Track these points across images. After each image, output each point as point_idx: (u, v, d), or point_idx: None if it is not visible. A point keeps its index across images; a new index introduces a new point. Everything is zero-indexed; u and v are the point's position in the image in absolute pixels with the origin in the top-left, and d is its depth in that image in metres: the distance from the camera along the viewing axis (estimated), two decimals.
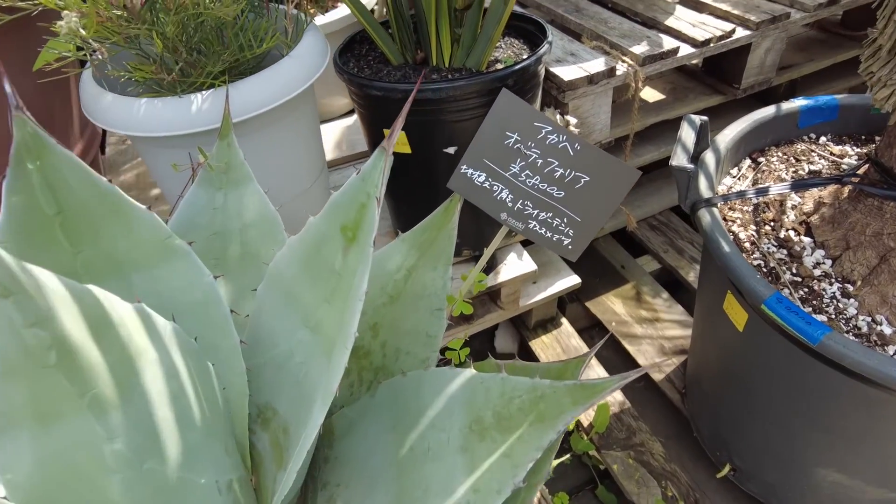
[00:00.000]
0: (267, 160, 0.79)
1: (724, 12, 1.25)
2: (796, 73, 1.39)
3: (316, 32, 0.80)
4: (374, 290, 0.67)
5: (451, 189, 0.57)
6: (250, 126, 0.74)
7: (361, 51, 1.08)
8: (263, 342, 0.57)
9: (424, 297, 0.64)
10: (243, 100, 0.69)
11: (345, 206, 0.47)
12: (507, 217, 0.56)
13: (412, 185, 1.03)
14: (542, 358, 1.27)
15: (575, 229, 0.54)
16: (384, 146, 0.42)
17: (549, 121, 0.50)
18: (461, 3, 0.89)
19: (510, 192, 0.54)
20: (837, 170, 0.95)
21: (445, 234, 0.64)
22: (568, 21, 1.29)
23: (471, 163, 0.54)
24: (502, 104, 0.51)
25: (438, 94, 0.87)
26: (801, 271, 0.82)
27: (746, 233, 0.87)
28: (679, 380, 1.22)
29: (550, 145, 0.51)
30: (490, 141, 0.53)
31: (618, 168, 0.50)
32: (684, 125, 0.85)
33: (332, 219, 0.48)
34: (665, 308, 1.35)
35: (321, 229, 0.50)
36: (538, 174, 0.52)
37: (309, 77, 0.74)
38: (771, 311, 0.69)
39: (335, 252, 0.49)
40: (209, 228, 0.66)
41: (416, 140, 0.95)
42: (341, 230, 0.48)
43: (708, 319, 0.95)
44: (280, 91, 0.71)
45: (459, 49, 0.97)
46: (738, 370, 0.87)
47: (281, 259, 0.54)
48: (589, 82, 1.10)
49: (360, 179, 0.45)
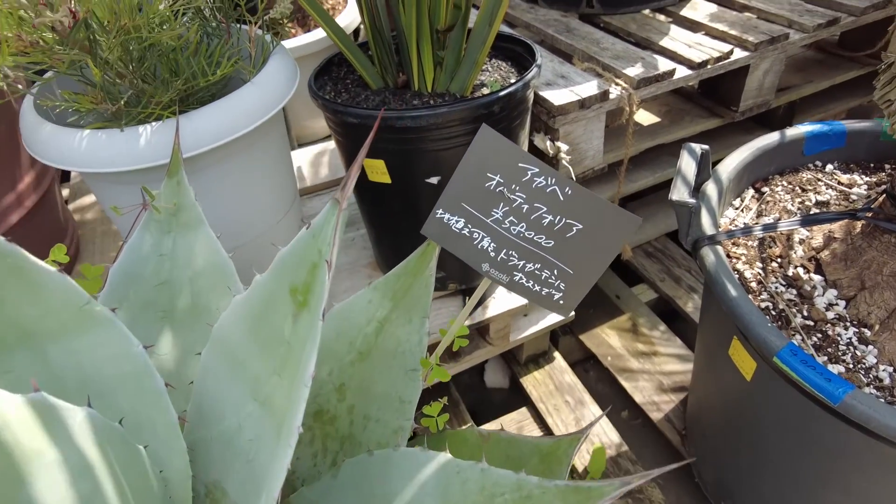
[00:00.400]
0: (228, 196, 0.72)
1: (720, 32, 1.20)
2: (795, 95, 1.34)
3: (283, 56, 0.73)
4: (342, 346, 0.59)
5: (426, 235, 0.50)
6: (207, 160, 0.67)
7: (339, 73, 1.01)
8: (209, 414, 0.50)
9: (398, 355, 0.57)
10: (197, 132, 0.62)
11: (294, 265, 0.40)
12: (490, 268, 0.49)
13: (393, 216, 0.96)
14: (533, 395, 1.20)
15: (566, 283, 0.47)
16: (337, 198, 0.35)
17: (535, 161, 0.44)
18: (443, 23, 0.83)
19: (492, 241, 0.47)
20: (846, 200, 0.89)
21: (422, 282, 0.57)
22: (558, 42, 1.23)
23: (447, 207, 0.47)
24: (482, 142, 0.45)
25: (418, 121, 0.80)
26: (812, 314, 0.75)
27: (752, 271, 0.80)
28: (679, 419, 1.15)
29: (537, 189, 0.44)
30: (469, 183, 0.46)
31: (614, 214, 0.44)
32: (684, 154, 0.79)
33: (281, 278, 0.41)
34: (663, 341, 1.29)
35: (269, 289, 0.42)
36: (524, 221, 0.46)
37: (273, 105, 0.68)
38: (785, 364, 0.62)
39: (284, 317, 0.42)
40: (156, 277, 0.58)
41: (397, 169, 0.88)
42: (290, 292, 0.41)
43: (711, 362, 0.88)
44: (239, 121, 0.64)
45: (442, 73, 0.91)
46: (745, 419, 0.80)
47: (226, 321, 0.47)
48: (580, 107, 1.04)
49: (311, 235, 0.38)
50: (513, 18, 1.36)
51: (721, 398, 0.86)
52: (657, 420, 1.16)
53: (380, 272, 1.13)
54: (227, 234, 0.77)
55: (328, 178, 1.33)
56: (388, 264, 1.09)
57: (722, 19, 1.24)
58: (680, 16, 1.28)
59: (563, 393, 1.20)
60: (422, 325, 0.56)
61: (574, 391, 1.19)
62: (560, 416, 1.16)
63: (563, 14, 1.33)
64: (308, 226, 0.38)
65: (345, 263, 1.15)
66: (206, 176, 0.69)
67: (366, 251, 1.17)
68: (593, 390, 1.27)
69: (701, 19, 1.24)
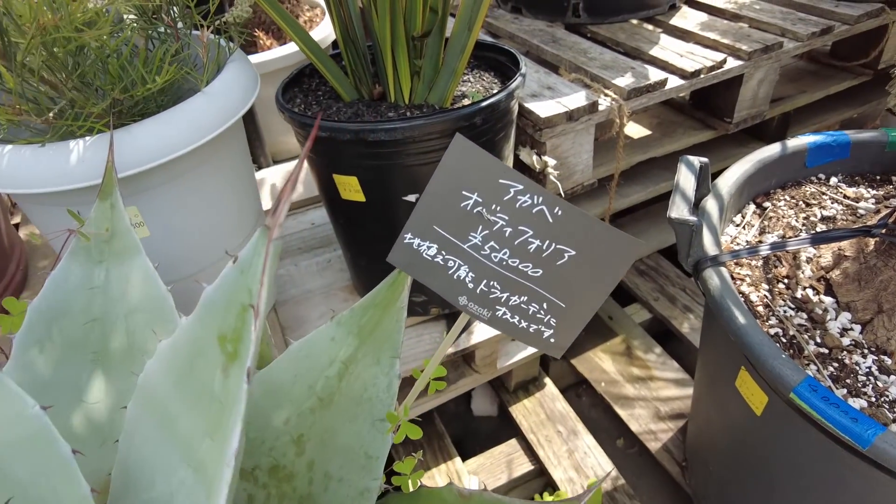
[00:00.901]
0: (181, 220, 0.64)
1: (712, 42, 1.15)
2: (789, 106, 1.29)
3: (241, 63, 0.67)
4: (300, 390, 0.52)
5: (393, 264, 0.43)
6: (153, 179, 0.60)
7: (311, 85, 0.95)
8: (138, 479, 0.42)
9: (364, 402, 0.49)
10: (138, 147, 0.55)
11: (221, 309, 0.33)
12: (468, 302, 0.42)
13: (369, 237, 0.89)
14: (523, 426, 1.12)
15: (558, 318, 0.40)
16: (268, 224, 0.28)
17: (518, 177, 0.37)
18: (419, 29, 0.77)
19: (470, 270, 0.40)
20: (853, 215, 0.84)
21: (392, 317, 0.50)
22: (544, 52, 1.18)
23: (417, 231, 0.41)
24: (456, 154, 0.38)
25: (393, 134, 0.73)
26: (826, 341, 0.69)
27: (758, 293, 0.74)
28: (678, 449, 1.08)
29: (522, 209, 0.37)
30: (442, 203, 0.39)
31: (612, 238, 0.37)
32: (682, 168, 0.73)
33: (208, 323, 0.34)
34: (659, 364, 1.22)
35: (196, 336, 0.35)
36: (507, 247, 0.39)
37: (227, 117, 0.61)
38: (803, 402, 0.55)
39: (213, 369, 0.34)
40: (85, 314, 0.51)
41: (372, 187, 0.82)
42: (219, 340, 0.33)
43: (714, 392, 0.81)
44: (188, 135, 0.57)
45: (420, 83, 0.84)
46: (755, 457, 0.73)
47: (152, 371, 0.39)
48: (568, 119, 0.98)
49: (238, 271, 0.31)
50: (496, 29, 1.31)
51: (727, 432, 0.79)
52: (655, 450, 1.08)
53: (357, 295, 1.06)
54: (182, 260, 0.69)
55: (304, 196, 1.26)
56: (366, 288, 1.02)
57: (713, 28, 1.19)
58: (669, 25, 1.23)
59: (554, 422, 1.12)
60: (391, 367, 0.48)
61: (567, 420, 1.12)
62: (552, 448, 1.08)
63: (549, 24, 1.28)
64: (235, 259, 0.31)
65: (320, 287, 1.07)
66: (153, 197, 0.62)
67: (343, 273, 1.10)
68: (586, 417, 1.20)
69: (691, 28, 1.19)
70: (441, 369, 0.47)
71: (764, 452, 0.70)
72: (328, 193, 0.87)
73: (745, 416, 0.71)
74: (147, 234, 0.66)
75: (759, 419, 0.68)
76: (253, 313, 0.28)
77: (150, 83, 0.52)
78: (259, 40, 1.42)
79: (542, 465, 1.06)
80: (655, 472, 1.10)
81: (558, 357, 0.43)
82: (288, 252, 1.14)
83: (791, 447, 0.65)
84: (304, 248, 1.14)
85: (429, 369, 0.47)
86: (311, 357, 0.52)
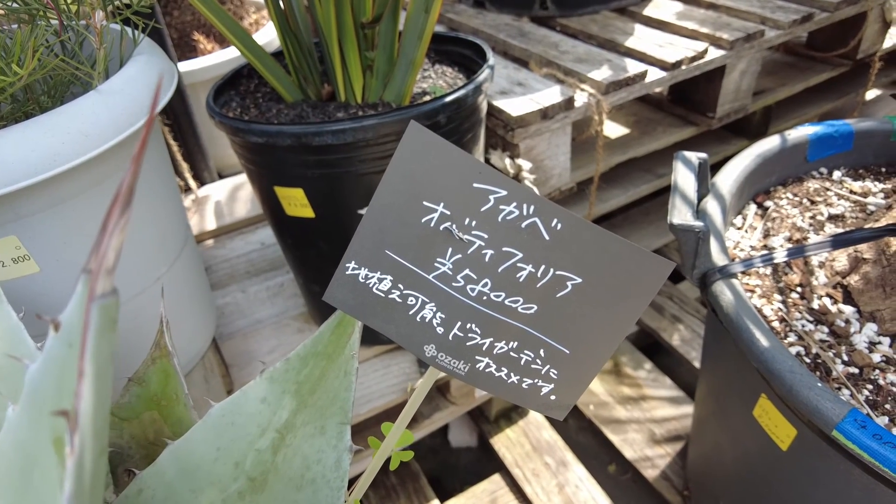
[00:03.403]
0: (73, 251, 0.51)
1: (690, 31, 1.07)
2: (771, 99, 1.22)
3: (151, 57, 0.54)
4: (225, 469, 0.40)
5: (331, 304, 0.31)
6: (34, 202, 0.47)
7: (249, 86, 0.83)
8: None
9: (306, 485, 0.37)
10: (5, 160, 0.42)
11: (51, 399, 0.21)
12: (437, 353, 0.30)
13: (322, 258, 0.77)
14: (507, 460, 1.01)
15: (560, 368, 0.29)
16: (90, 268, 0.16)
17: (499, 178, 0.26)
18: (369, 14, 0.66)
19: (439, 309, 0.29)
20: (863, 212, 0.75)
21: (338, 369, 0.38)
22: (511, 48, 1.08)
23: (363, 257, 0.29)
24: (412, 149, 0.27)
25: (342, 136, 0.62)
26: (855, 358, 0.59)
27: (772, 306, 0.64)
28: (677, 476, 0.98)
29: (507, 223, 0.26)
30: (396, 218, 0.28)
31: (631, 259, 0.27)
32: (678, 166, 0.63)
33: (38, 419, 0.22)
34: (650, 382, 1.12)
35: (25, 438, 0.23)
36: (487, 276, 0.28)
37: (131, 121, 0.48)
38: (850, 441, 0.45)
39: (53, 486, 0.22)
40: None
41: (321, 200, 0.70)
42: (55, 445, 0.21)
43: (723, 419, 0.72)
44: (76, 145, 0.44)
45: (374, 78, 0.73)
46: (782, 498, 0.63)
47: None
48: (543, 117, 0.88)
49: (66, 344, 0.19)
50: (458, 24, 1.21)
51: (742, 465, 0.69)
52: (652, 478, 0.98)
53: (314, 324, 0.93)
54: None
55: (250, 214, 1.13)
56: (323, 316, 0.90)
57: (690, 18, 1.11)
58: (644, 16, 1.14)
59: (541, 454, 1.01)
60: (340, 437, 0.37)
61: (555, 450, 1.01)
62: (540, 483, 0.97)
63: (515, 18, 1.19)
64: (56, 326, 0.19)
65: (271, 316, 0.95)
66: (38, 224, 0.49)
67: (296, 299, 0.97)
68: (574, 442, 1.09)
69: (668, 18, 1.11)
70: (408, 435, 0.36)
71: (791, 492, 0.60)
72: (272, 209, 0.75)
73: (767, 450, 0.61)
74: (36, 270, 0.53)
75: (784, 455, 0.58)
76: (68, 424, 0.16)
77: (10, 76, 0.40)
78: (199, 44, 1.29)
79: (530, 502, 0.95)
80: (654, 501, 1.00)
81: (561, 419, 0.32)
82: (234, 277, 1.01)
83: (827, 487, 0.55)
84: (253, 272, 1.02)
85: (391, 436, 0.35)
86: (237, 425, 0.40)
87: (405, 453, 0.36)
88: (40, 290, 0.54)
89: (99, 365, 0.17)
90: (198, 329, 0.77)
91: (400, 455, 0.36)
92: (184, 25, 1.32)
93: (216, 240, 1.11)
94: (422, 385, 0.34)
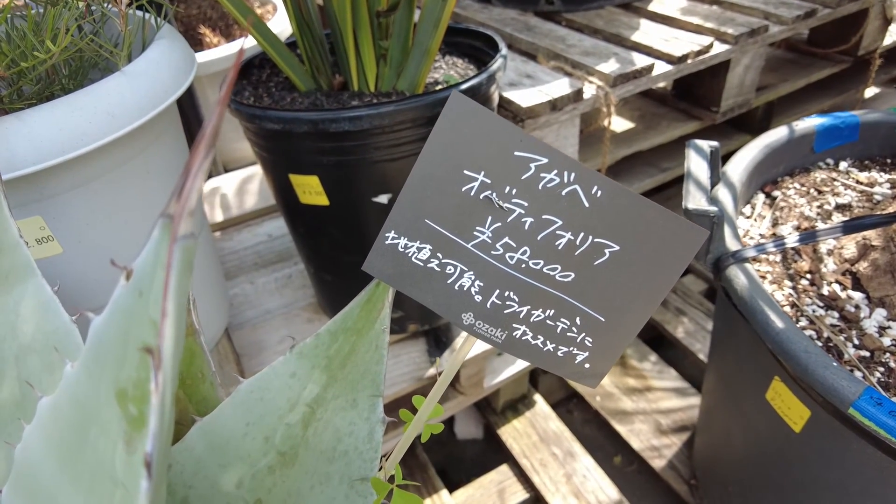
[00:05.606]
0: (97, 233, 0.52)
1: (695, 26, 1.08)
2: (773, 95, 1.24)
3: (172, 41, 0.55)
4: (255, 444, 0.40)
5: (371, 274, 0.32)
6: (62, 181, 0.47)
7: (262, 76, 0.83)
8: None
9: (338, 457, 0.38)
10: (34, 140, 0.42)
11: (117, 351, 0.21)
12: (475, 321, 0.31)
13: (334, 246, 0.78)
14: (514, 450, 1.01)
15: (595, 336, 0.30)
16: (171, 213, 0.16)
17: (541, 146, 0.27)
18: (384, 3, 0.67)
19: (477, 277, 0.30)
20: (870, 201, 0.76)
21: (370, 344, 0.39)
22: (518, 41, 1.09)
23: (403, 227, 0.30)
24: (453, 119, 0.27)
25: (359, 123, 0.62)
26: (866, 342, 0.60)
27: (783, 292, 0.65)
28: (684, 466, 0.99)
29: (548, 191, 0.27)
30: (436, 187, 0.29)
31: (668, 226, 0.27)
32: (691, 154, 0.64)
33: (100, 373, 0.22)
34: (656, 374, 1.13)
35: (85, 393, 0.23)
36: (527, 244, 0.28)
37: (155, 103, 0.49)
38: (867, 418, 0.46)
39: (113, 442, 0.23)
40: None
41: (336, 187, 0.70)
42: (118, 398, 0.22)
43: (734, 405, 0.72)
44: (102, 125, 0.45)
45: (387, 67, 0.74)
46: (794, 479, 0.64)
47: (32, 442, 0.27)
48: (552, 108, 0.88)
49: (135, 293, 0.19)
50: (464, 19, 1.22)
51: (753, 449, 0.69)
52: (659, 468, 0.99)
53: (324, 315, 0.94)
54: (104, 283, 0.56)
55: (259, 206, 1.13)
56: (333, 306, 0.90)
57: (695, 13, 1.13)
58: (648, 11, 1.16)
59: (548, 444, 1.02)
60: (372, 410, 0.37)
61: (562, 441, 1.02)
62: (548, 473, 0.98)
63: (521, 13, 1.20)
64: (128, 274, 0.19)
65: (280, 307, 0.95)
66: (63, 205, 0.50)
67: (305, 290, 0.98)
68: (580, 434, 1.10)
69: (672, 14, 1.12)
70: (439, 408, 0.36)
71: (804, 473, 0.61)
72: (285, 198, 0.75)
73: (779, 433, 0.62)
74: (59, 251, 0.53)
75: (797, 437, 0.59)
76: (153, 361, 0.17)
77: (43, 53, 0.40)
78: (205, 38, 1.29)
79: (538, 492, 0.96)
80: (661, 491, 1.00)
81: (594, 387, 0.33)
82: (242, 269, 1.01)
83: (840, 467, 0.56)
84: (261, 264, 1.02)
85: (424, 408, 0.36)
86: (266, 400, 0.40)
87: (436, 426, 0.36)
88: (61, 272, 0.54)
89: (178, 307, 0.18)
90: (213, 315, 0.77)
91: (431, 427, 0.37)
92: (189, 19, 1.32)
93: (223, 232, 1.11)
94: (458, 353, 0.34)
